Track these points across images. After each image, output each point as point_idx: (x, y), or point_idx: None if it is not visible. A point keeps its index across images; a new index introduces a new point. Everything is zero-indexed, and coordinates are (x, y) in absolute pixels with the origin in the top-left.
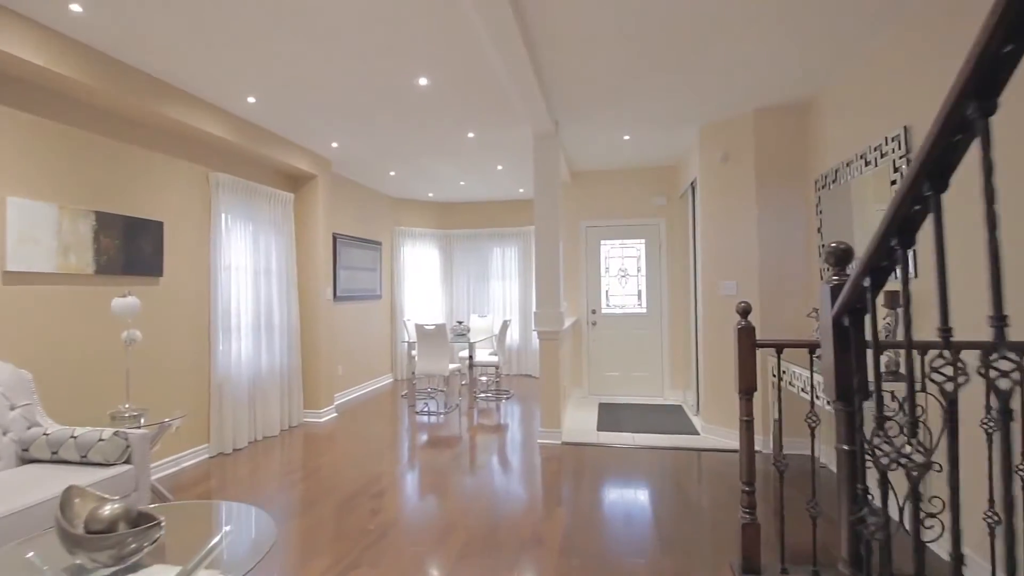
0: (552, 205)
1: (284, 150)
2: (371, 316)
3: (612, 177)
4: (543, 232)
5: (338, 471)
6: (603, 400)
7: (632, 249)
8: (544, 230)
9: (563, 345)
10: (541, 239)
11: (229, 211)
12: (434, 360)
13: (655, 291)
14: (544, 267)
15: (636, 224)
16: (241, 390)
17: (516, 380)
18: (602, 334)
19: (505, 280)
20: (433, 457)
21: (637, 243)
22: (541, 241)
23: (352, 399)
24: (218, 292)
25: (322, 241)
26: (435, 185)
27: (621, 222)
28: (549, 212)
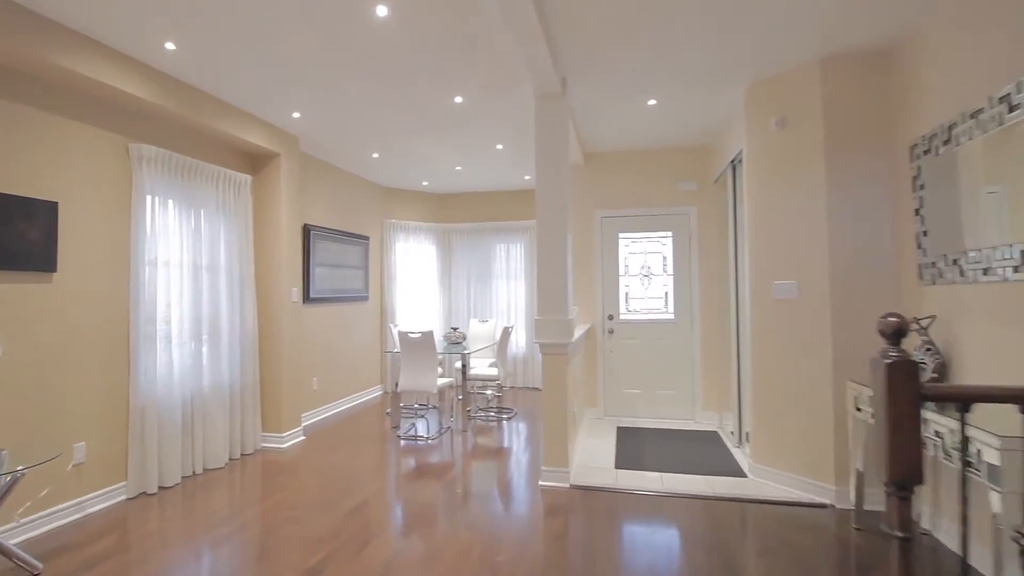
0: (558, 187)
1: (233, 120)
2: (355, 320)
3: (633, 159)
4: (547, 222)
5: (277, 521)
6: (623, 423)
7: (657, 243)
8: (548, 219)
9: (573, 360)
10: (545, 230)
11: (159, 192)
12: (419, 374)
13: (684, 293)
14: (548, 265)
15: (661, 214)
16: (172, 413)
17: (522, 394)
18: (621, 344)
19: (510, 280)
20: (405, 503)
21: (663, 236)
22: (545, 233)
23: (329, 417)
24: (141, 292)
25: (289, 233)
26: (428, 172)
27: (644, 212)
28: (554, 196)
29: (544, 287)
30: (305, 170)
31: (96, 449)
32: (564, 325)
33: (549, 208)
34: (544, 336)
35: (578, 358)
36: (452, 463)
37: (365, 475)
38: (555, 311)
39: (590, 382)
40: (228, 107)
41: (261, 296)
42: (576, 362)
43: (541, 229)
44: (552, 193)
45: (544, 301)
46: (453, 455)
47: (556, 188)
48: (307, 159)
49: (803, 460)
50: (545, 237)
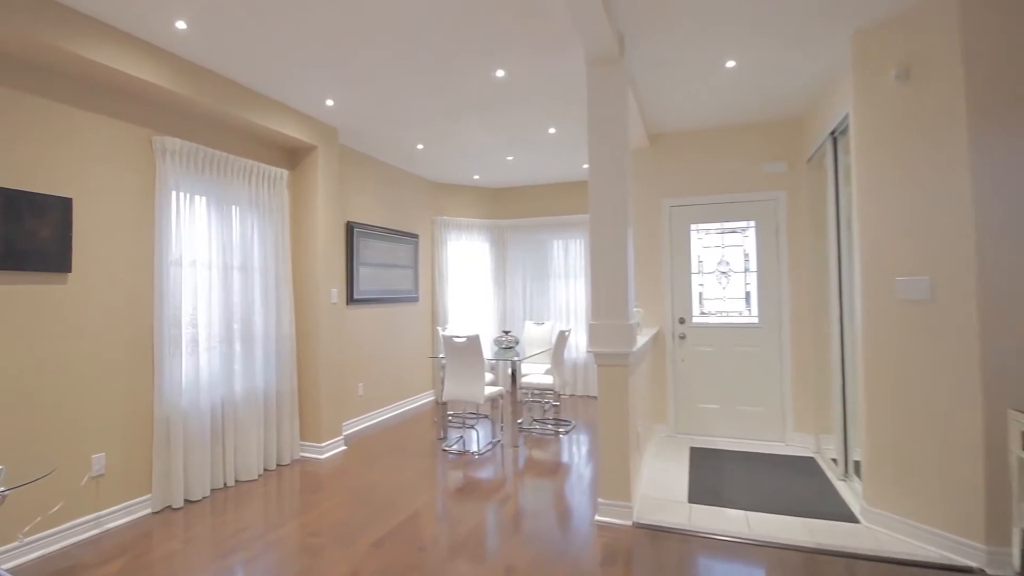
0: (615, 171)
1: (264, 110)
2: (404, 323)
3: (707, 138)
4: (602, 211)
5: (294, 551)
6: (697, 443)
7: (736, 235)
8: (603, 208)
9: (637, 370)
10: (599, 222)
11: (185, 188)
12: (465, 382)
13: (771, 293)
14: (604, 262)
15: (742, 201)
16: (201, 422)
17: (582, 404)
18: (694, 351)
19: (568, 279)
20: (434, 538)
21: (744, 227)
22: (599, 224)
23: (375, 425)
24: (165, 294)
25: (329, 231)
26: (478, 164)
27: (721, 199)
28: (611, 181)
29: (599, 287)
30: (347, 165)
31: (117, 460)
32: (624, 331)
33: (604, 195)
34: (600, 343)
35: (643, 367)
36: (497, 485)
37: (400, 495)
38: (613, 314)
39: (658, 394)
40: (257, 96)
41: (299, 297)
42: (641, 372)
43: (595, 220)
44: (608, 178)
45: (599, 303)
46: (499, 474)
47: (613, 172)
48: (349, 153)
49: (939, 507)
50: (600, 229)
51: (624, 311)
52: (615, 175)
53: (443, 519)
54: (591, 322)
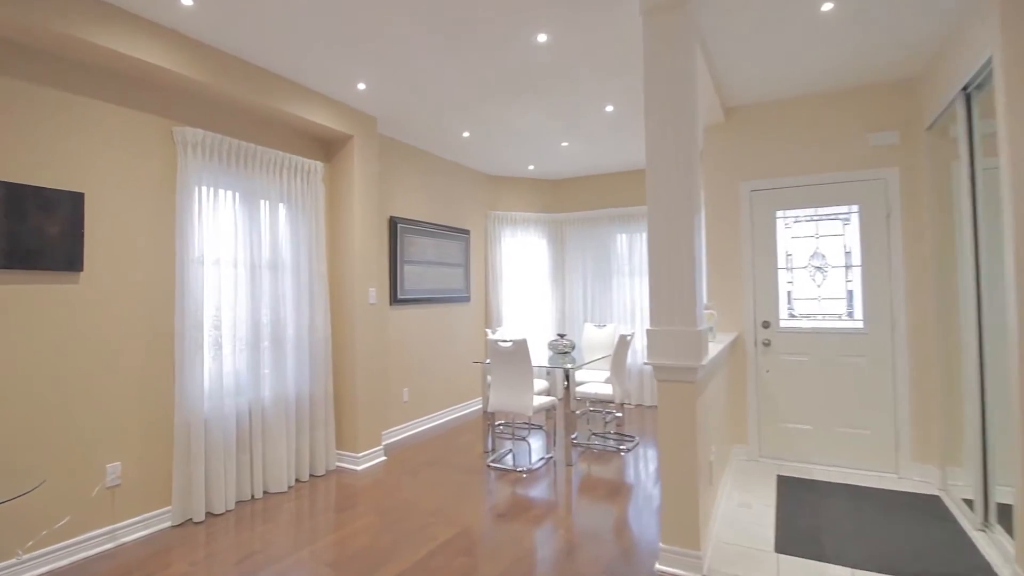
0: (679, 146)
1: (293, 98)
2: (454, 324)
3: (796, 108)
4: (662, 196)
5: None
6: (785, 470)
7: (834, 223)
8: (664, 192)
9: (708, 388)
10: (658, 209)
11: (209, 181)
12: (511, 391)
13: (879, 292)
14: (665, 256)
15: (842, 182)
16: (225, 430)
17: (649, 415)
18: (782, 361)
19: (633, 277)
20: (472, 570)
21: (843, 213)
22: (658, 212)
23: (420, 433)
24: (186, 294)
25: (367, 226)
26: (532, 153)
27: (814, 180)
28: (673, 156)
29: (659, 286)
30: (390, 157)
31: (134, 470)
32: (691, 339)
33: (665, 176)
34: (660, 354)
35: (717, 380)
36: (544, 511)
37: (434, 519)
38: (677, 319)
39: (737, 411)
40: (282, 80)
41: (336, 297)
42: (715, 386)
43: (653, 208)
44: (669, 154)
45: (659, 305)
46: (548, 498)
47: (676, 146)
48: (392, 144)
49: None
50: (660, 218)
51: (691, 315)
52: (679, 151)
53: (475, 552)
54: (649, 328)
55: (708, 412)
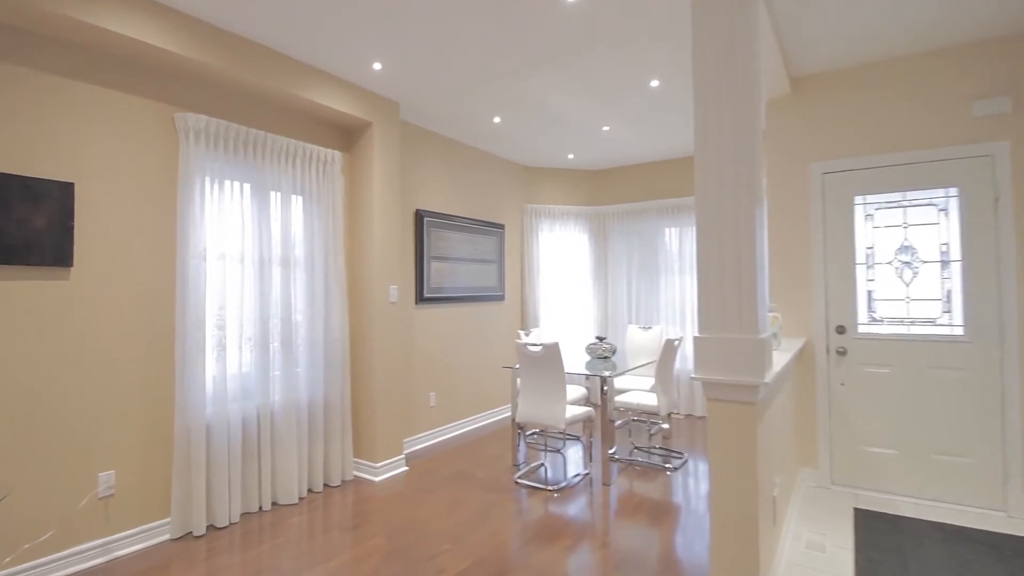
0: (737, 120)
1: (303, 80)
2: (486, 324)
3: (879, 73)
4: (713, 180)
5: None
6: (863, 501)
7: (927, 210)
8: (715, 175)
9: (771, 407)
10: (708, 195)
11: (214, 171)
12: (541, 401)
13: (985, 292)
14: (717, 251)
15: (936, 160)
16: (230, 436)
17: (699, 427)
18: (860, 373)
19: (683, 275)
20: None
21: (939, 197)
22: (708, 199)
23: (448, 440)
24: (188, 291)
25: (388, 219)
26: (571, 139)
27: (901, 159)
28: (729, 136)
29: (708, 286)
30: (415, 146)
31: (130, 479)
32: (752, 350)
33: (717, 161)
34: (710, 367)
35: (783, 394)
36: (574, 539)
37: (448, 545)
38: (732, 323)
39: (805, 429)
40: (294, 63)
41: (355, 296)
42: (780, 401)
43: (701, 198)
44: (724, 134)
45: (709, 308)
46: (581, 523)
47: (733, 124)
48: (416, 132)
49: None
50: (710, 209)
51: (753, 320)
52: (737, 128)
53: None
54: (698, 335)
55: (772, 436)
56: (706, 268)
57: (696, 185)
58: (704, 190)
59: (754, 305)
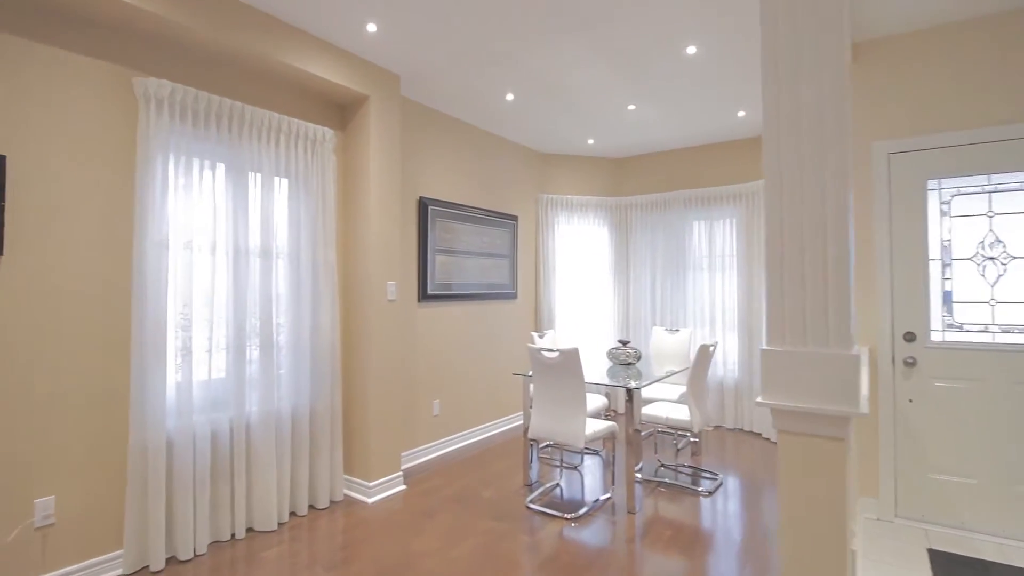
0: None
1: (291, 45)
2: (497, 325)
3: (958, 35)
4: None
5: None
6: (936, 541)
7: (1017, 197)
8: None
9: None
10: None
11: (181, 146)
12: (558, 417)
13: None
14: (795, 243)
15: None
16: (195, 453)
17: (731, 442)
18: (932, 388)
19: (713, 272)
20: None
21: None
22: (782, 182)
23: (454, 452)
24: (147, 285)
25: (389, 207)
26: (591, 120)
27: (984, 135)
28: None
29: (782, 288)
30: (419, 127)
31: (75, 505)
32: (842, 369)
33: (794, 132)
34: (784, 390)
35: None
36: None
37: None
38: (811, 335)
39: (864, 451)
40: (278, 23)
41: (347, 293)
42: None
43: (774, 176)
44: (804, 100)
45: (782, 316)
46: (603, 561)
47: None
48: (420, 112)
49: None
50: (785, 190)
51: (843, 330)
52: (819, 92)
53: None
54: (767, 348)
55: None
56: (780, 265)
57: (766, 167)
58: (777, 172)
59: (846, 311)
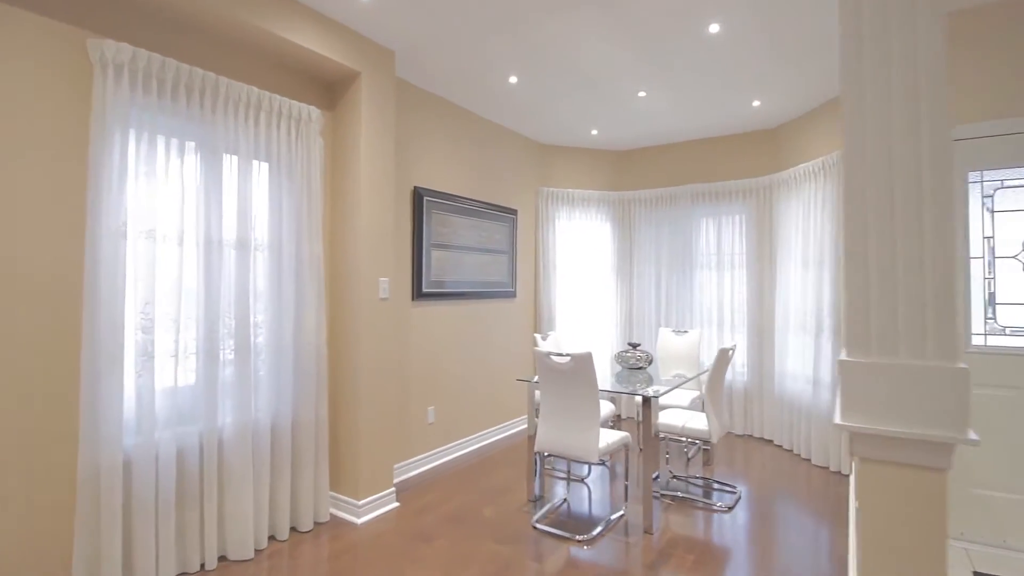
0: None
1: (275, 10)
2: (496, 325)
3: (1002, 14)
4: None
5: None
6: (979, 563)
7: None
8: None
9: None
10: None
11: (144, 121)
12: (570, 428)
13: None
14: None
15: None
16: (158, 474)
17: (740, 448)
18: (973, 397)
19: (721, 271)
20: None
21: None
22: (864, 157)
23: (450, 463)
24: (101, 279)
25: (377, 196)
26: (598, 108)
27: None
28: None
29: (866, 284)
30: (414, 111)
31: (11, 537)
32: (947, 384)
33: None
34: (870, 410)
35: None
36: None
37: None
38: (909, 344)
39: None
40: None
41: (335, 290)
42: None
43: (855, 151)
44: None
45: (866, 319)
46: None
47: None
48: (417, 95)
49: None
50: (868, 167)
51: (947, 337)
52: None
53: None
54: (846, 358)
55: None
56: (864, 257)
57: (847, 138)
58: (860, 145)
59: (951, 315)
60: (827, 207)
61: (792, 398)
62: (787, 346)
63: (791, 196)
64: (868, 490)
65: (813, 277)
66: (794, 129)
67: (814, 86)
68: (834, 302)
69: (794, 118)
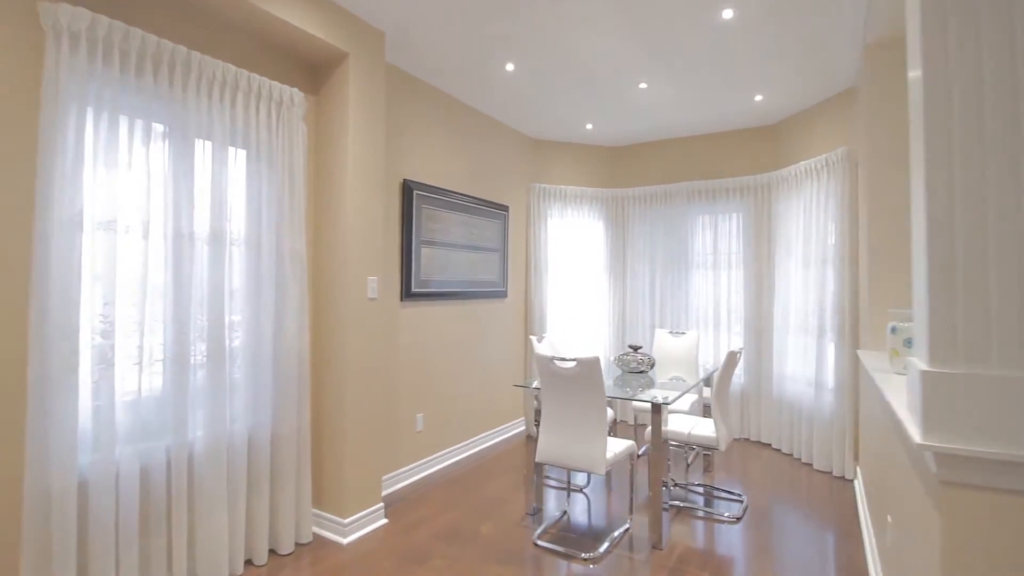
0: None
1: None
2: (487, 327)
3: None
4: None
5: None
6: None
7: None
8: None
9: None
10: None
11: (103, 98)
12: (576, 438)
13: None
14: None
15: None
16: (119, 496)
17: (740, 451)
18: None
19: (718, 270)
20: None
21: None
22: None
23: (440, 472)
24: (50, 278)
25: (371, 189)
26: (595, 100)
27: None
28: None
29: (952, 283)
30: (405, 99)
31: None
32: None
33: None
34: (955, 427)
35: None
36: None
37: None
38: (999, 352)
39: None
40: None
41: (320, 290)
42: None
43: (935, 127)
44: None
45: (953, 323)
46: None
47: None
48: (408, 83)
49: None
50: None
51: None
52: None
53: None
54: (927, 368)
55: None
56: (949, 250)
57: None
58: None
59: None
60: (830, 205)
61: (792, 401)
62: (786, 347)
63: (791, 194)
64: (959, 518)
65: (815, 276)
66: (795, 125)
67: (818, 81)
68: (837, 302)
69: (795, 113)
